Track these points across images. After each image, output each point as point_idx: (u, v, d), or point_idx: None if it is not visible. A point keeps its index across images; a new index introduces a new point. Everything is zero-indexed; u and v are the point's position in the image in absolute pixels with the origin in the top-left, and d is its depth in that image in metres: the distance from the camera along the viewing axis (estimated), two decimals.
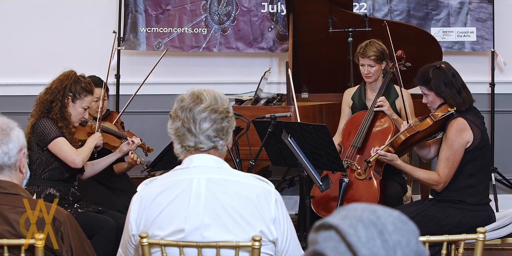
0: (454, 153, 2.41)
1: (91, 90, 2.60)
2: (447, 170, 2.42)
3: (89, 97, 2.59)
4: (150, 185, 1.55)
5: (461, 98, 2.44)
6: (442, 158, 2.44)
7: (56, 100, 2.53)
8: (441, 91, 2.44)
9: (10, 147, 1.55)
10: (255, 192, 1.50)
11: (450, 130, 2.43)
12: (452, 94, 2.44)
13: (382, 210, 0.79)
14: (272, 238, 1.51)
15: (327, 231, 0.78)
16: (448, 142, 2.43)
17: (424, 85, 2.48)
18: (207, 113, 1.51)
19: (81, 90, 2.56)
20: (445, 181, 2.44)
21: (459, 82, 2.47)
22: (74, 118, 2.59)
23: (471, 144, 2.43)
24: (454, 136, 2.42)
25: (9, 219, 1.54)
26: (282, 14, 3.79)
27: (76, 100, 2.56)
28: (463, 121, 2.42)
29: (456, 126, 2.42)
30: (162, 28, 3.84)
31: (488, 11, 3.74)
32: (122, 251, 1.61)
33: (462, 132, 2.42)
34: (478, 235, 1.64)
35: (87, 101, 2.59)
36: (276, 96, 3.65)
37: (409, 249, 0.76)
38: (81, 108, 2.58)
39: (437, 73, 2.46)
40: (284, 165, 2.67)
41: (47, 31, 3.91)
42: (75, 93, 2.55)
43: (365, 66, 2.95)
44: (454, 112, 2.44)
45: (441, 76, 2.45)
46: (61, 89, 2.53)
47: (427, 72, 2.47)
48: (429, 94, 2.48)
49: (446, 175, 2.43)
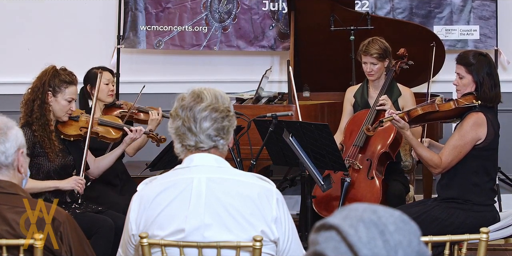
0: (463, 144, 2.39)
1: (71, 80, 2.50)
2: (450, 157, 2.40)
3: (70, 88, 2.50)
4: (150, 185, 1.54)
5: (494, 93, 2.42)
6: (450, 145, 2.42)
7: (36, 98, 2.46)
8: (481, 77, 2.40)
9: (7, 146, 1.54)
10: (256, 191, 1.49)
11: (467, 121, 2.41)
12: (489, 85, 2.41)
13: (383, 210, 0.78)
14: (273, 238, 1.50)
15: (328, 232, 0.77)
16: (462, 132, 2.41)
17: (465, 66, 2.43)
18: (208, 112, 1.50)
19: (60, 83, 2.48)
20: (444, 167, 2.42)
21: (497, 78, 2.46)
22: (60, 112, 2.51)
23: (482, 142, 2.41)
24: (469, 128, 2.40)
25: (7, 219, 1.53)
26: (284, 12, 3.78)
27: (57, 93, 2.48)
28: (483, 117, 2.41)
29: (475, 119, 2.40)
30: (162, 26, 3.83)
31: (491, 9, 3.73)
32: (122, 251, 1.60)
33: (479, 127, 2.40)
34: (481, 235, 1.63)
35: (69, 92, 2.49)
36: (277, 95, 3.64)
37: (410, 249, 0.76)
38: (64, 101, 2.49)
39: (483, 59, 2.43)
40: (286, 164, 2.66)
41: (46, 29, 3.90)
42: (55, 86, 2.47)
43: (367, 64, 2.93)
44: (477, 106, 2.41)
45: (486, 64, 2.43)
46: (40, 86, 2.48)
47: (470, 55, 2.43)
48: (466, 77, 2.43)
49: (448, 162, 2.41)
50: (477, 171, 2.43)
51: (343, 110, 3.07)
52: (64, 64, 2.63)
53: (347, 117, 3.03)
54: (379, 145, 2.84)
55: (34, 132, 2.45)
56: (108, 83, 2.95)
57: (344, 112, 3.06)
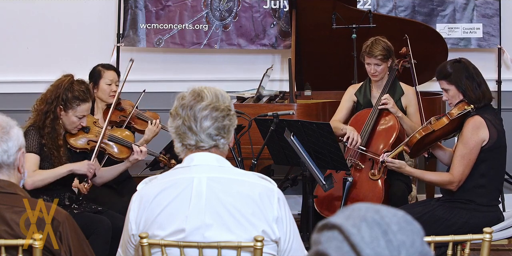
0: (469, 151, 2.38)
1: (84, 98, 2.42)
2: (461, 168, 2.39)
3: (83, 105, 2.43)
4: (150, 184, 1.53)
5: (480, 91, 2.41)
6: (457, 156, 2.40)
7: (49, 111, 2.41)
8: (462, 84, 2.41)
9: (10, 145, 1.54)
10: (257, 191, 1.48)
11: (466, 127, 2.40)
12: (472, 87, 2.41)
13: (386, 210, 0.78)
14: (274, 238, 1.49)
15: (330, 231, 0.77)
16: (464, 140, 2.40)
17: (445, 79, 2.45)
18: (208, 111, 1.49)
19: (72, 99, 2.41)
20: (459, 180, 2.41)
21: (479, 76, 2.45)
22: (69, 126, 2.46)
23: (487, 143, 2.39)
24: (470, 134, 2.38)
25: (6, 219, 1.53)
26: (285, 10, 3.76)
27: (68, 109, 2.42)
28: (480, 119, 2.39)
29: (473, 123, 2.39)
30: (163, 24, 3.82)
31: (494, 7, 3.71)
32: (121, 251, 1.59)
33: (478, 130, 2.39)
34: (484, 235, 1.62)
35: (81, 110, 2.43)
36: (278, 93, 3.63)
37: (413, 249, 0.75)
38: (75, 117, 2.44)
39: (458, 66, 2.44)
40: (287, 164, 2.64)
41: (45, 28, 3.89)
42: (66, 102, 2.41)
43: (371, 65, 2.91)
44: (471, 110, 2.41)
45: (462, 69, 2.43)
46: (54, 98, 2.42)
47: (447, 66, 2.45)
48: (450, 88, 2.44)
49: (460, 174, 2.40)
50: (484, 173, 2.41)
51: (341, 101, 3.03)
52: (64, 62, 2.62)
53: (342, 112, 2.99)
54: (382, 144, 2.83)
55: (44, 147, 2.41)
56: (111, 84, 2.88)
57: (342, 105, 3.02)
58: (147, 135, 2.90)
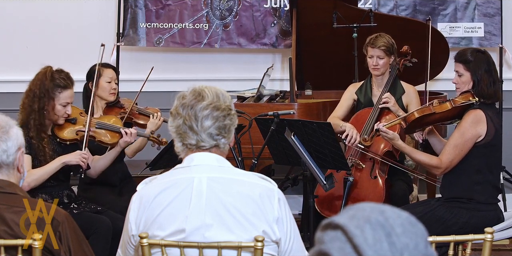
0: (464, 142, 2.38)
1: (65, 85, 2.46)
2: (451, 156, 2.40)
3: (65, 92, 2.45)
4: (150, 184, 1.53)
5: (494, 89, 2.41)
6: (450, 144, 2.41)
7: (33, 103, 2.42)
8: (478, 74, 2.40)
9: (9, 145, 1.54)
10: (257, 191, 1.48)
11: (466, 119, 2.40)
12: (488, 82, 2.40)
13: (391, 210, 0.77)
14: (275, 238, 1.49)
15: (334, 231, 0.76)
16: (461, 130, 2.40)
17: (464, 63, 2.43)
18: (209, 110, 1.48)
19: (54, 88, 2.44)
20: (446, 167, 2.41)
21: (496, 74, 2.46)
22: (54, 116, 2.47)
23: (483, 139, 2.40)
24: (468, 125, 2.39)
25: (6, 219, 1.52)
26: (285, 9, 3.76)
27: (51, 99, 2.43)
28: (482, 114, 2.39)
29: (474, 116, 2.39)
30: (163, 23, 3.81)
31: (496, 6, 3.70)
32: (121, 252, 1.59)
33: (477, 124, 2.39)
34: (485, 235, 1.61)
35: (64, 97, 2.45)
36: (279, 93, 3.62)
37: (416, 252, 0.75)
38: (59, 106, 2.46)
39: (481, 57, 2.43)
40: (287, 163, 2.64)
41: (45, 27, 3.89)
42: (49, 91, 2.43)
43: (373, 58, 2.90)
44: (475, 103, 2.40)
45: (484, 60, 2.42)
46: (36, 90, 2.43)
47: (469, 52, 2.44)
48: (465, 74, 2.43)
49: (449, 161, 2.40)
50: (479, 169, 2.42)
51: (341, 99, 3.02)
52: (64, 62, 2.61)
53: (342, 109, 2.98)
54: (382, 144, 2.82)
55: (32, 139, 2.41)
56: (111, 81, 2.89)
57: (341, 103, 3.01)
58: (149, 128, 2.89)
